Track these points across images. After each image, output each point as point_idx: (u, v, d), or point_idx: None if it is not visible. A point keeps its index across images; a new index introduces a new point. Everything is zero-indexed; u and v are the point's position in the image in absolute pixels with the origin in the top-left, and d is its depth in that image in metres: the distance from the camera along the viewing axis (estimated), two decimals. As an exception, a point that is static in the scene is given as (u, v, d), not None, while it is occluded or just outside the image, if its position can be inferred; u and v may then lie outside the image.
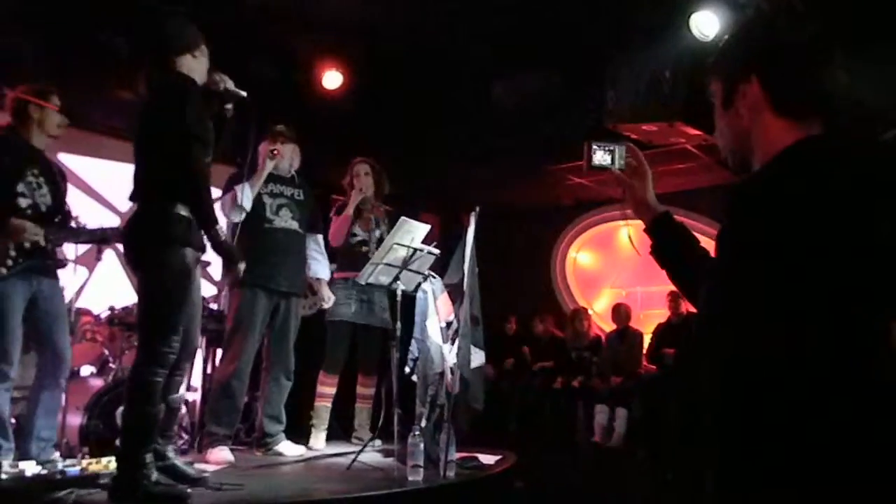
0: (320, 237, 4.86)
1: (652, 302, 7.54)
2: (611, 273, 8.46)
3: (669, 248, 1.63)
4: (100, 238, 4.04)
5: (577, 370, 7.31)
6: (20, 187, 3.64)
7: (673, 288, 2.47)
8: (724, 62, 1.38)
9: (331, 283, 4.94)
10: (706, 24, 4.63)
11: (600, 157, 1.70)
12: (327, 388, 4.95)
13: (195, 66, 3.18)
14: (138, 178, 3.10)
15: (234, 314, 4.41)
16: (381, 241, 5.08)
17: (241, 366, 4.35)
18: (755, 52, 1.31)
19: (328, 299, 4.83)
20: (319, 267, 4.81)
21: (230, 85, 3.33)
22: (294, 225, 4.61)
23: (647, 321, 7.41)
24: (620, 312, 7.29)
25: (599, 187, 7.56)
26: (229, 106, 3.33)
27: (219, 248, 3.13)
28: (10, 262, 3.52)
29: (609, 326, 7.72)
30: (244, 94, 3.34)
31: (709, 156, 6.30)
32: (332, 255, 5.07)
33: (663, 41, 4.70)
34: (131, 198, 3.10)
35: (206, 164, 3.12)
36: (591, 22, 4.77)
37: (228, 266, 3.19)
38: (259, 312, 4.39)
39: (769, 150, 1.26)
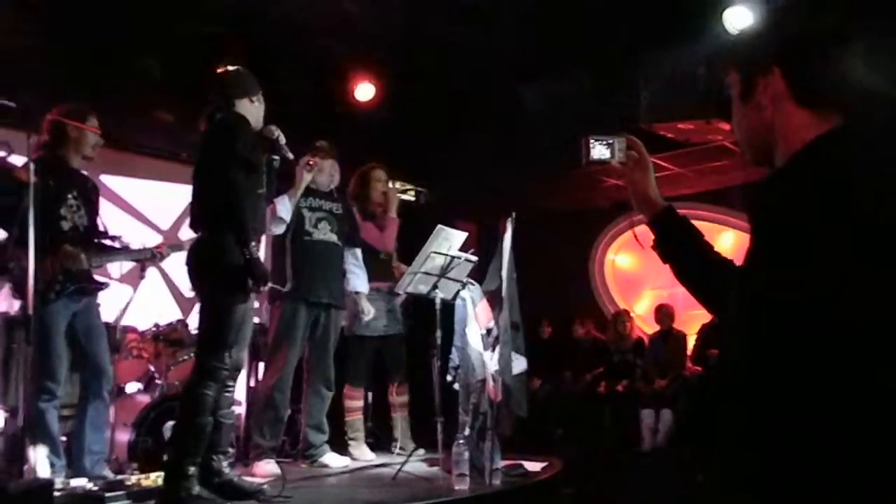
0: (358, 251, 4.87)
1: (695, 302, 7.39)
2: (651, 274, 8.34)
3: (672, 242, 1.59)
4: (135, 257, 4.12)
5: (620, 374, 7.22)
6: (62, 210, 3.72)
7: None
8: (744, 54, 1.35)
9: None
10: (740, 19, 4.56)
11: (599, 151, 1.64)
12: (356, 402, 4.97)
13: (252, 110, 3.46)
14: (194, 208, 3.36)
15: (275, 327, 4.45)
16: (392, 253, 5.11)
17: (284, 378, 4.39)
18: (777, 43, 1.27)
19: (368, 312, 4.82)
20: (358, 280, 4.82)
21: (282, 140, 3.58)
22: (333, 238, 4.63)
23: (691, 322, 7.29)
24: (664, 313, 7.17)
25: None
26: (276, 157, 3.56)
27: (246, 266, 3.21)
28: (56, 287, 3.60)
29: (651, 328, 7.60)
30: (291, 155, 3.61)
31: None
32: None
33: (697, 38, 4.64)
34: (191, 226, 3.36)
35: (255, 192, 3.33)
36: (621, 21, 4.73)
37: (256, 285, 3.27)
38: (300, 325, 4.42)
39: (792, 143, 1.23)
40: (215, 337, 3.15)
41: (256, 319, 5.35)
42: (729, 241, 7.30)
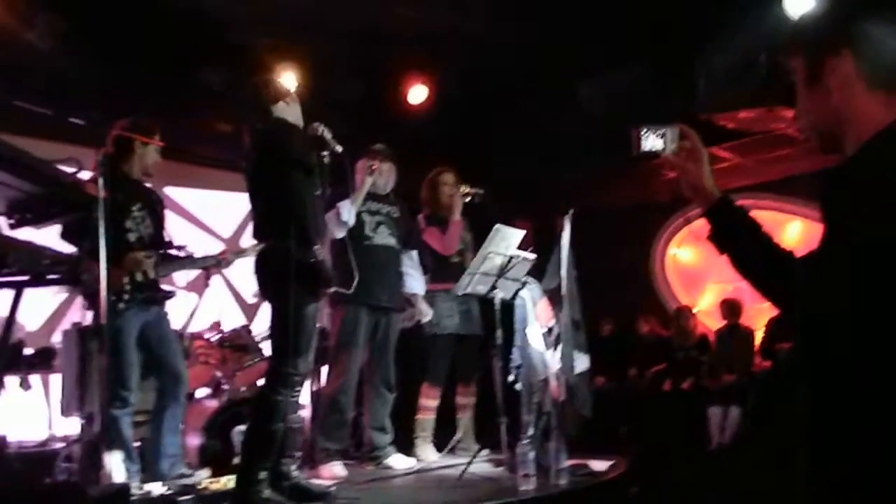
0: (414, 253, 4.89)
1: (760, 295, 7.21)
2: (714, 268, 8.15)
3: (729, 233, 1.55)
4: (200, 265, 4.22)
5: (684, 371, 7.08)
6: (127, 223, 3.83)
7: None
8: (809, 36, 1.29)
9: (431, 295, 4.96)
10: (800, 2, 4.42)
11: (650, 142, 1.58)
12: (431, 401, 4.97)
13: (290, 111, 3.47)
14: (255, 219, 3.42)
15: (337, 331, 4.49)
16: (463, 251, 5.09)
17: (348, 381, 4.43)
18: (845, 22, 1.22)
19: (427, 313, 4.85)
20: (414, 282, 4.84)
21: (328, 136, 3.56)
22: (392, 241, 4.66)
23: (757, 316, 7.10)
24: (731, 308, 7.00)
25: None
26: (325, 153, 3.54)
27: (313, 268, 3.26)
28: (126, 297, 3.71)
29: (715, 323, 7.45)
30: (340, 148, 3.56)
31: (814, 139, 6.02)
32: (424, 267, 5.09)
33: (756, 24, 4.51)
34: (255, 237, 3.42)
35: (312, 194, 3.35)
36: (678, 9, 4.63)
37: (322, 286, 3.31)
38: (362, 329, 4.46)
39: (865, 128, 1.18)
40: (287, 343, 3.16)
41: (319, 324, 5.44)
42: (796, 231, 7.11)
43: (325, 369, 4.96)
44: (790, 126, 5.46)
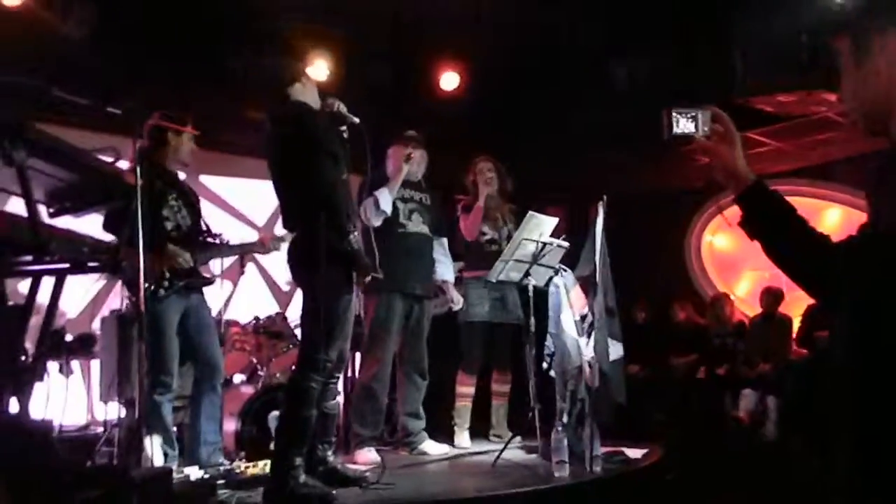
0: (445, 240, 4.92)
1: (798, 282, 7.09)
2: (750, 255, 8.02)
3: (762, 219, 1.49)
4: (239, 251, 4.31)
5: (720, 358, 7.00)
6: (164, 212, 3.89)
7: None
8: (856, 15, 1.26)
9: (462, 282, 4.97)
10: (843, -18, 4.30)
11: (682, 124, 1.54)
12: (467, 388, 4.98)
13: (307, 92, 3.45)
14: (284, 208, 3.41)
15: (371, 319, 4.52)
16: (509, 238, 5.08)
17: (382, 368, 4.46)
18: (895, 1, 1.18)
19: (458, 301, 4.86)
20: (445, 269, 4.86)
21: (343, 109, 3.49)
22: (425, 229, 4.67)
23: (794, 304, 6.98)
24: (772, 296, 6.87)
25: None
26: (343, 128, 3.48)
27: (349, 257, 3.27)
28: (165, 284, 3.77)
29: (752, 310, 7.34)
30: (356, 119, 3.49)
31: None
32: (457, 255, 5.10)
33: (796, 4, 4.40)
34: (285, 226, 3.43)
35: (340, 179, 3.33)
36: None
37: (358, 276, 3.32)
38: (396, 316, 4.48)
39: None
40: (320, 330, 3.15)
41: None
42: (835, 217, 6.97)
43: (358, 356, 5.01)
44: (831, 109, 5.34)
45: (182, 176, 4.26)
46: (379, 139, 3.92)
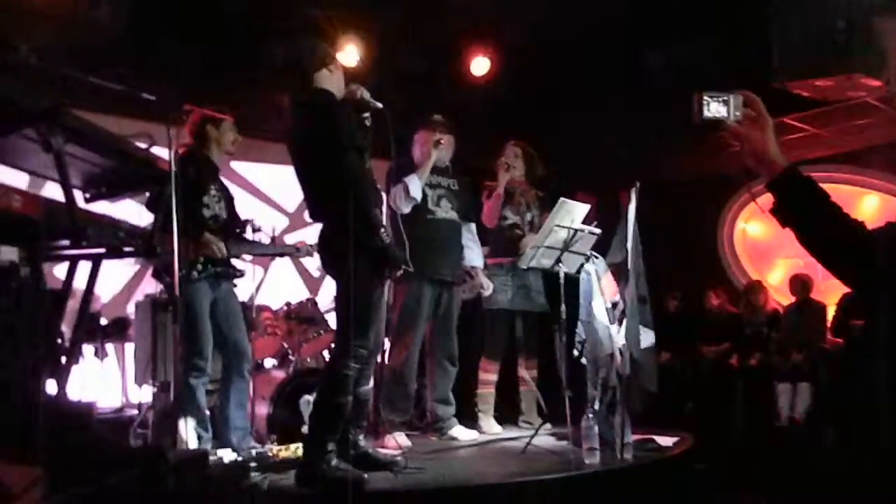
0: (473, 226, 4.89)
1: (834, 270, 6.97)
2: (784, 243, 7.91)
3: (794, 205, 1.45)
4: (272, 252, 4.45)
5: (753, 347, 6.92)
6: (205, 199, 3.97)
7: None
8: None
9: (485, 269, 4.95)
10: (884, -38, 4.19)
11: (714, 108, 1.51)
12: (490, 375, 4.98)
13: (334, 80, 3.38)
14: (309, 198, 3.36)
15: (401, 305, 4.52)
16: (531, 224, 5.05)
17: (411, 354, 4.47)
18: None
19: (487, 287, 4.84)
20: (473, 255, 4.85)
21: (366, 95, 3.44)
22: (453, 215, 4.66)
23: (829, 292, 6.87)
24: (801, 283, 6.79)
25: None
26: (367, 115, 3.43)
27: (382, 252, 3.25)
28: (199, 268, 3.83)
29: (786, 299, 7.23)
30: (380, 105, 3.43)
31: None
32: (485, 240, 5.08)
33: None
34: (311, 217, 3.40)
35: (365, 169, 3.29)
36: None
37: (390, 269, 3.32)
38: (425, 302, 4.48)
39: None
40: (354, 319, 3.13)
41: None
42: (872, 204, 6.84)
43: (388, 342, 5.02)
44: (869, 94, 5.21)
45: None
46: (408, 125, 3.89)
